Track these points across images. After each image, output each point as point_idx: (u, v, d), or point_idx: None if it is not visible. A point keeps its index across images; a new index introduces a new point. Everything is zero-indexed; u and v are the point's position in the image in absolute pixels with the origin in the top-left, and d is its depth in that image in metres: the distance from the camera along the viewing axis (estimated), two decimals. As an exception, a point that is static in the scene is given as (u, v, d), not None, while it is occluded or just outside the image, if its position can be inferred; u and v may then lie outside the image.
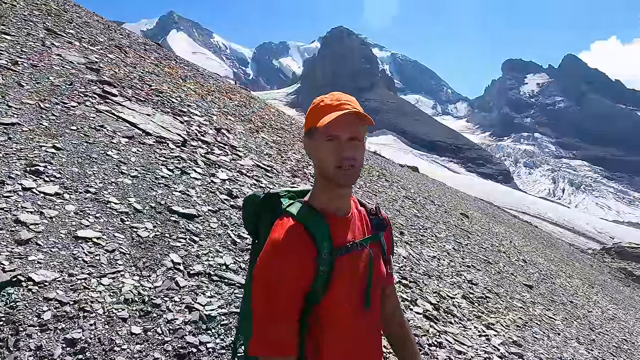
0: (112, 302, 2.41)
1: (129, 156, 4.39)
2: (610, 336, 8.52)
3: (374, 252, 1.24)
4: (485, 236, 13.74)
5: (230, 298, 2.86)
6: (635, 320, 12.34)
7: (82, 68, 6.77)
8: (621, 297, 15.33)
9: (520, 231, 20.64)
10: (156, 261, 2.94)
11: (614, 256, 26.44)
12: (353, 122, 1.10)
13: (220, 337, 2.49)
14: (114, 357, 2.11)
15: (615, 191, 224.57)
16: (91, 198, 3.39)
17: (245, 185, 5.19)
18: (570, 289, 12.23)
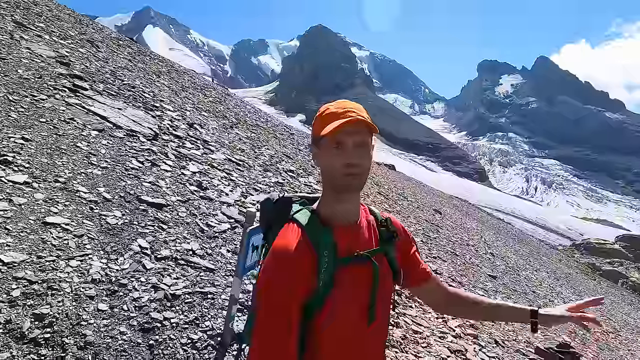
0: (80, 282, 2.55)
1: (99, 148, 4.48)
2: (566, 323, 9.02)
3: (380, 266, 1.18)
4: (456, 231, 14.19)
5: (196, 280, 3.03)
6: (595, 309, 13.01)
7: (52, 62, 6.75)
8: (585, 289, 16.06)
9: (492, 227, 21.28)
10: (124, 246, 3.08)
11: (582, 252, 27.45)
12: (359, 130, 1.09)
13: (184, 314, 2.66)
14: (81, 331, 2.26)
15: (585, 189, 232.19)
16: (60, 187, 3.49)
17: (216, 178, 5.34)
18: (535, 281, 12.77)
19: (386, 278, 1.21)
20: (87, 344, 2.20)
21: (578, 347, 7.42)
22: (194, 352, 2.43)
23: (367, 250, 1.16)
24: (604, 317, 12.38)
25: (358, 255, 1.13)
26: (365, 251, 1.15)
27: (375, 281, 1.14)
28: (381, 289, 1.17)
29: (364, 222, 1.21)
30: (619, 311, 14.97)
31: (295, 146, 12.58)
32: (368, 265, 1.14)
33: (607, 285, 19.78)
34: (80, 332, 2.25)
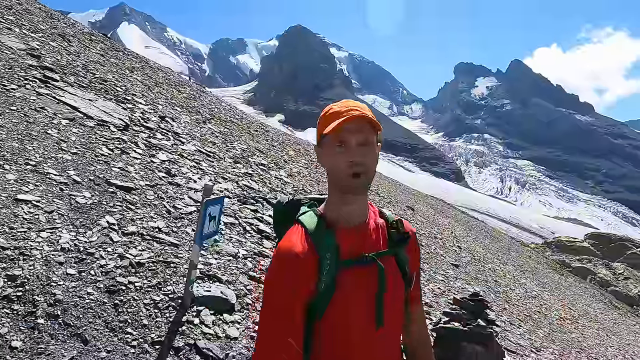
0: (50, 250, 2.78)
1: (69, 135, 4.67)
2: (523, 307, 9.57)
3: (388, 268, 1.14)
4: (426, 226, 14.68)
5: (160, 252, 3.29)
6: (556, 299, 13.69)
7: (22, 54, 6.84)
8: (549, 282, 16.80)
9: (464, 224, 21.88)
10: (92, 222, 3.31)
11: (553, 249, 28.21)
12: (363, 128, 1.08)
13: (148, 279, 2.91)
14: (51, 290, 2.49)
15: (557, 189, 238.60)
16: (31, 169, 3.68)
17: (185, 167, 5.57)
18: (500, 273, 13.37)
19: (396, 281, 1.16)
20: (56, 302, 2.45)
21: (527, 326, 7.94)
22: (155, 311, 2.70)
23: (373, 252, 1.13)
24: (565, 307, 13.08)
25: (362, 257, 1.10)
26: (371, 253, 1.12)
27: (381, 284, 1.11)
28: (390, 292, 1.13)
29: (372, 224, 1.18)
30: (581, 302, 15.76)
31: (269, 142, 12.84)
32: (374, 268, 1.11)
33: (573, 279, 20.59)
34: (50, 292, 2.48)
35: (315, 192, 9.28)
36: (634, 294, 18.18)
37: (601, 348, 9.98)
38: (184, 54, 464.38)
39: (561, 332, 9.21)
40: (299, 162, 12.21)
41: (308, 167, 12.27)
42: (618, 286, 19.56)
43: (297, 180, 9.41)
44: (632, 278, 20.62)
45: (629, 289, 19.30)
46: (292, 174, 9.70)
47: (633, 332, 14.77)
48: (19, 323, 2.24)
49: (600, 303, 17.85)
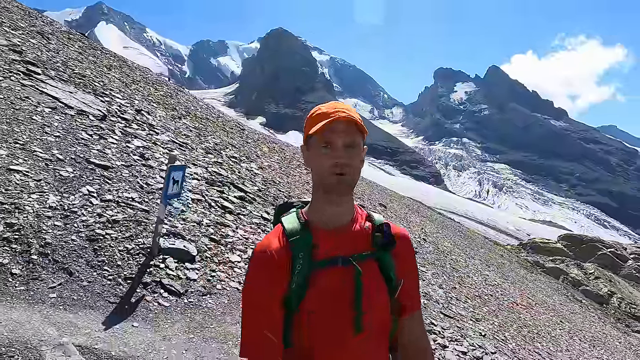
0: (40, 207, 3.38)
1: (52, 122, 5.23)
2: (476, 290, 10.39)
3: (368, 273, 1.10)
4: (396, 221, 15.38)
5: (133, 214, 3.91)
6: (516, 289, 14.52)
7: (5, 49, 7.31)
8: (514, 276, 17.59)
9: (439, 224, 22.50)
10: (75, 190, 3.91)
11: (528, 251, 28.69)
12: (349, 130, 1.07)
13: (122, 232, 3.54)
14: (42, 236, 3.10)
15: (532, 192, 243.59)
16: (20, 147, 4.24)
17: (158, 153, 6.17)
18: (463, 263, 14.12)
19: (377, 286, 1.11)
20: (46, 244, 3.06)
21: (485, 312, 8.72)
22: (128, 256, 3.33)
23: (352, 254, 1.10)
24: (524, 296, 13.92)
25: (337, 258, 1.08)
26: (349, 255, 1.09)
27: (357, 287, 1.07)
28: (369, 297, 1.09)
29: (357, 226, 1.15)
30: (542, 294, 16.67)
31: (244, 139, 13.42)
32: (350, 270, 1.08)
33: (541, 276, 21.41)
34: (41, 237, 3.09)
35: (284, 183, 9.94)
36: (603, 293, 18.87)
37: (548, 329, 10.79)
38: (164, 55, 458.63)
39: (509, 312, 10.04)
40: (271, 157, 12.83)
41: (280, 162, 12.89)
42: (589, 285, 19.78)
43: (267, 172, 10.04)
44: (602, 278, 21.12)
45: (599, 288, 19.75)
46: (263, 167, 10.32)
47: (589, 321, 15.68)
48: (17, 257, 2.85)
49: (563, 296, 18.68)
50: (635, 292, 20.63)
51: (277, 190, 8.57)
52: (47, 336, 2.34)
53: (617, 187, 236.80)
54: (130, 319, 2.82)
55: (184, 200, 4.49)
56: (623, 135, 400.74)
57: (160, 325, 2.89)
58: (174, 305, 3.12)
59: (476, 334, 6.48)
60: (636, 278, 22.63)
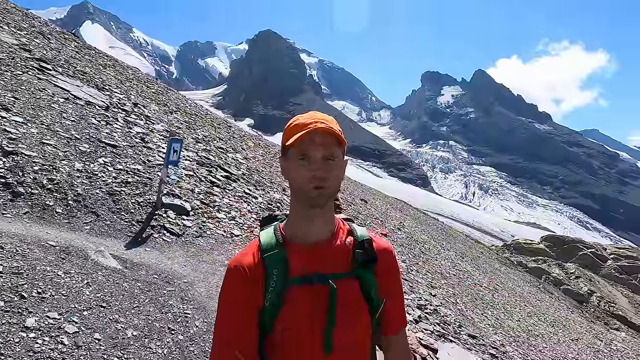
0: (69, 169, 4.40)
1: (67, 109, 6.21)
2: (440, 269, 11.54)
3: (346, 292, 1.04)
4: (374, 213, 16.30)
5: (140, 180, 4.93)
6: (485, 277, 15.52)
7: (16, 48, 8.25)
8: (488, 267, 18.47)
9: (421, 222, 23.07)
10: (93, 160, 4.94)
11: (512, 251, 29.09)
12: (328, 141, 1.02)
13: (134, 190, 4.57)
14: (74, 188, 4.12)
15: (517, 195, 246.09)
16: (46, 127, 5.24)
17: (156, 138, 7.19)
18: (435, 251, 15.13)
19: (355, 305, 1.05)
20: (78, 194, 4.09)
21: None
22: (138, 207, 4.38)
23: (329, 272, 1.04)
24: (493, 282, 14.92)
25: (313, 275, 1.03)
26: (326, 273, 1.04)
27: (331, 307, 1.02)
28: (344, 315, 1.03)
29: (337, 242, 1.09)
30: (513, 284, 17.74)
31: (230, 134, 14.43)
32: (326, 288, 1.03)
33: (516, 270, 22.07)
34: (74, 189, 4.12)
35: (266, 172, 10.97)
36: (583, 292, 19.07)
37: (506, 305, 11.88)
38: (151, 55, 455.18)
39: (469, 289, 11.18)
40: (256, 151, 13.86)
41: (264, 155, 13.93)
42: (570, 285, 20.01)
43: (252, 162, 11.08)
44: (582, 277, 21.33)
45: (579, 287, 19.80)
46: (248, 158, 11.36)
47: (555, 308, 16.68)
48: (58, 202, 3.88)
49: (534, 288, 19.45)
50: (614, 291, 21.04)
51: (259, 177, 9.62)
52: (89, 247, 3.37)
53: (599, 190, 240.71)
54: (143, 246, 3.87)
55: (179, 173, 5.54)
56: (605, 139, 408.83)
57: (165, 252, 3.95)
58: (174, 242, 4.17)
59: (426, 292, 7.58)
60: (615, 277, 23.36)
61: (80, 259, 3.11)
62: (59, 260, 2.90)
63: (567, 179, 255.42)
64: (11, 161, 4.01)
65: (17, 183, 3.78)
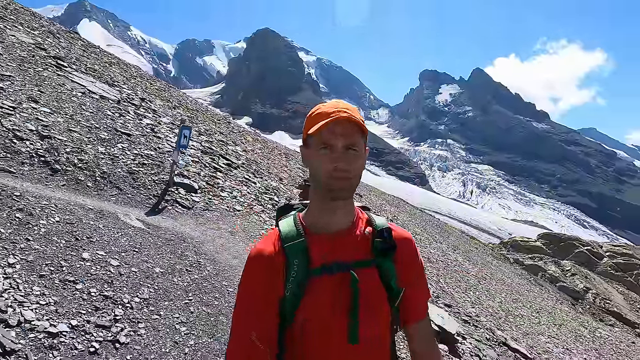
0: (95, 152, 5.12)
1: (85, 102, 6.93)
2: (429, 256, 12.26)
3: (367, 281, 1.03)
4: (371, 210, 16.95)
5: (153, 162, 5.66)
6: (475, 267, 16.11)
7: (33, 47, 8.95)
8: (479, 260, 19.05)
9: (415, 217, 23.41)
10: (112, 145, 5.67)
11: (509, 249, 29.22)
12: (350, 131, 1.00)
13: (149, 170, 5.29)
14: (100, 167, 4.84)
15: (515, 193, 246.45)
16: (69, 117, 5.96)
17: (164, 129, 7.92)
18: (427, 242, 15.77)
19: (375, 294, 1.04)
20: (104, 172, 4.83)
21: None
22: (154, 184, 5.11)
23: (350, 261, 1.04)
24: (482, 272, 15.55)
25: (334, 264, 1.02)
26: (347, 262, 1.03)
27: (354, 297, 1.00)
28: (367, 306, 1.02)
29: (357, 231, 1.08)
30: (502, 275, 18.37)
31: (230, 129, 15.16)
32: (347, 277, 1.01)
33: (508, 264, 22.45)
34: (100, 168, 4.86)
35: (264, 163, 11.70)
36: (579, 289, 19.19)
37: (491, 291, 12.56)
38: (149, 53, 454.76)
39: (456, 274, 11.90)
40: (254, 145, 14.59)
41: (262, 149, 14.66)
42: (565, 282, 20.09)
43: (250, 154, 11.81)
44: (578, 274, 21.05)
45: (575, 284, 19.89)
46: (247, 150, 12.09)
47: (541, 298, 17.25)
48: (88, 177, 4.61)
49: (525, 280, 19.88)
50: (609, 288, 21.17)
51: (257, 167, 10.35)
52: (118, 211, 4.11)
53: (597, 188, 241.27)
54: (159, 215, 4.61)
55: (187, 160, 6.27)
56: (602, 137, 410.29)
57: (178, 220, 4.69)
58: (185, 213, 4.91)
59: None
60: (611, 275, 23.46)
61: (113, 219, 3.84)
62: (98, 218, 3.64)
63: (564, 177, 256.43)
64: (47, 144, 4.73)
65: (54, 161, 4.51)
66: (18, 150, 4.32)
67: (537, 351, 7.75)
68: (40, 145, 4.60)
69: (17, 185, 3.60)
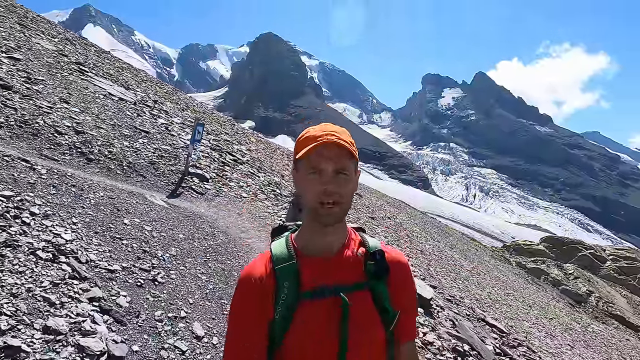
0: (120, 146, 5.91)
1: (107, 103, 7.75)
2: (422, 249, 12.99)
3: (359, 305, 1.02)
4: (368, 207, 17.37)
5: (170, 153, 6.45)
6: (470, 263, 16.58)
7: (56, 54, 9.79)
8: (474, 257, 19.45)
9: (416, 218, 23.70)
10: (134, 140, 6.46)
11: (512, 252, 27.96)
12: (339, 155, 1.00)
13: (167, 161, 6.08)
14: (127, 158, 5.63)
15: (518, 197, 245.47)
16: (96, 116, 6.78)
17: (176, 127, 8.72)
18: (423, 239, 16.31)
19: (368, 318, 1.03)
20: (129, 162, 5.62)
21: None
22: (171, 173, 5.91)
23: (342, 284, 1.03)
24: (476, 268, 16.09)
25: (324, 288, 1.02)
26: (338, 285, 1.02)
27: (344, 322, 0.99)
28: (358, 330, 1.01)
29: (349, 253, 1.07)
30: (498, 272, 18.88)
31: (234, 130, 15.97)
32: (338, 301, 1.00)
33: (507, 265, 22.61)
34: (126, 158, 5.66)
35: (267, 161, 12.49)
36: (582, 292, 19.50)
37: (482, 283, 13.17)
38: (152, 58, 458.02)
39: (449, 266, 12.58)
40: (258, 145, 15.39)
41: (265, 149, 15.45)
42: (568, 285, 20.27)
43: (254, 153, 12.61)
44: (581, 278, 21.40)
45: (578, 287, 20.12)
46: (251, 150, 12.90)
47: (536, 294, 17.55)
48: (117, 167, 5.41)
49: (522, 279, 20.04)
50: (612, 291, 21.26)
51: (261, 164, 11.14)
52: (145, 193, 4.92)
53: (600, 192, 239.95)
54: (178, 199, 5.42)
55: (198, 154, 7.08)
56: (606, 141, 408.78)
57: (194, 203, 5.49)
58: (199, 198, 5.71)
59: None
60: (614, 278, 23.48)
61: (142, 198, 4.64)
62: (131, 197, 4.44)
63: (568, 181, 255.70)
64: (82, 138, 5.54)
65: (89, 152, 5.31)
66: (60, 142, 5.11)
67: (516, 331, 8.44)
68: (76, 139, 5.40)
69: (65, 169, 4.39)
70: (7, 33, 8.94)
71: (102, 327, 2.44)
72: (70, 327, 2.31)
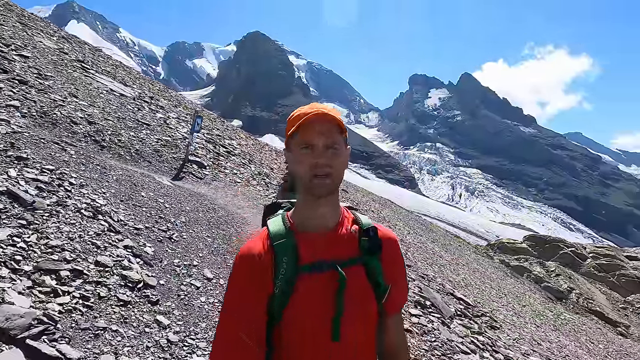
0: (128, 135, 6.61)
1: (110, 98, 8.42)
2: (405, 240, 13.79)
3: (353, 279, 1.06)
4: (354, 202, 18.13)
5: (172, 142, 7.17)
6: (450, 255, 17.37)
7: (57, 52, 10.38)
8: (455, 250, 20.12)
9: (401, 215, 23.89)
10: (139, 131, 7.16)
11: (495, 250, 27.85)
12: (329, 130, 1.04)
13: (169, 149, 6.81)
14: (134, 145, 6.34)
15: (503, 196, 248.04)
16: (102, 109, 7.44)
17: (174, 121, 9.42)
18: (405, 232, 17.10)
19: (362, 292, 1.07)
20: (136, 150, 6.34)
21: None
22: (173, 160, 6.63)
23: (336, 259, 1.06)
24: (456, 259, 16.83)
25: (322, 263, 1.05)
26: (335, 260, 1.06)
27: (339, 294, 1.03)
28: (352, 303, 1.05)
29: (343, 230, 1.11)
30: (478, 265, 19.54)
31: (224, 127, 16.65)
32: (335, 275, 1.04)
33: (489, 260, 23.35)
34: (134, 146, 6.37)
35: (257, 155, 13.22)
36: (563, 289, 19.81)
37: (459, 270, 13.98)
38: (138, 55, 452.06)
39: (427, 255, 13.40)
40: (247, 141, 16.10)
41: (254, 145, 16.16)
42: (550, 282, 20.65)
43: (244, 147, 13.34)
44: (562, 275, 21.62)
45: (559, 284, 20.44)
46: (241, 144, 13.62)
47: (513, 285, 18.28)
48: (126, 153, 6.12)
49: (502, 273, 20.67)
50: (592, 288, 21.79)
51: (251, 157, 11.87)
52: (153, 175, 5.63)
53: (582, 192, 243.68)
54: (180, 182, 6.17)
55: (195, 145, 7.82)
56: (588, 142, 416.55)
57: (195, 185, 6.25)
58: (199, 181, 6.47)
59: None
60: (594, 275, 24.00)
61: (152, 178, 5.38)
62: (144, 177, 5.17)
63: (551, 181, 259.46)
64: (94, 127, 6.24)
65: (102, 140, 6.02)
66: (75, 131, 5.81)
67: (483, 307, 9.28)
68: (89, 129, 6.10)
69: (86, 153, 5.10)
70: (12, 32, 9.52)
71: (136, 266, 3.20)
72: (113, 263, 3.06)
